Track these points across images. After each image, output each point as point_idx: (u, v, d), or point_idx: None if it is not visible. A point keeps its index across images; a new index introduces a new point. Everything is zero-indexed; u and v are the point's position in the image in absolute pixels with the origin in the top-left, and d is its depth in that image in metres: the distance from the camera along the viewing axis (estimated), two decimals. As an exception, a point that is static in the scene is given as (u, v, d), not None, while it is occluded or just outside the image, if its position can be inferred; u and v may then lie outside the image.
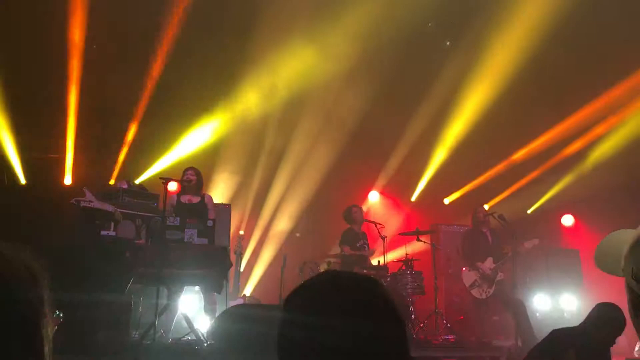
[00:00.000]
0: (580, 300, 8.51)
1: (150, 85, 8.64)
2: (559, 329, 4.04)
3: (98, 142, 9.05)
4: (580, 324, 4.02)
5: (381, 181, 10.78)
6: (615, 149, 9.39)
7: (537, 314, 8.01)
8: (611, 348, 4.24)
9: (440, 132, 10.12)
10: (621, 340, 7.04)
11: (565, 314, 8.11)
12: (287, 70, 8.72)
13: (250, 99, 9.25)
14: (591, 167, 9.66)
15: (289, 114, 9.61)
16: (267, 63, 8.67)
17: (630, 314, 1.18)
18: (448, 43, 9.30)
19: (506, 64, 8.52)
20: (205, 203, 6.47)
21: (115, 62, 8.30)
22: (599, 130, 9.52)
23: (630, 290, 1.13)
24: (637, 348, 7.45)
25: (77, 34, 7.88)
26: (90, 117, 8.69)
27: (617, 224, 1.32)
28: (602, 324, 3.84)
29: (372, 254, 7.83)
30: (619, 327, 3.80)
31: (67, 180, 8.80)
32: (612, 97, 8.97)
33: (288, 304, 1.18)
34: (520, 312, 7.01)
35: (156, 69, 8.48)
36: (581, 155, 9.91)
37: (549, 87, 9.33)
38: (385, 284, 1.17)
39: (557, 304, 8.38)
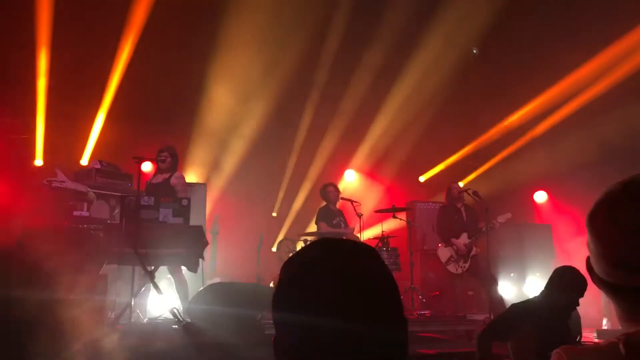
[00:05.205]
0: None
1: (120, 62, 8.48)
2: (517, 303, 3.93)
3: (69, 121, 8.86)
4: (539, 294, 3.91)
5: (357, 159, 10.80)
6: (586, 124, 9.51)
7: (510, 293, 8.20)
8: (581, 321, 4.28)
9: (414, 110, 10.14)
10: (591, 312, 7.23)
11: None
12: (262, 53, 8.64)
13: (226, 80, 9.12)
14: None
15: (266, 94, 9.53)
16: (241, 44, 8.55)
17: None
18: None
19: (473, 38, 8.54)
20: (170, 183, 6.12)
21: (86, 40, 8.11)
22: (570, 106, 9.61)
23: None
24: (604, 323, 7.64)
25: (44, 14, 7.69)
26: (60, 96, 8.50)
27: (588, 201, 1.34)
28: (562, 288, 3.74)
29: (352, 232, 7.71)
30: (579, 288, 3.68)
31: (38, 161, 8.60)
32: (583, 73, 9.05)
33: (283, 272, 1.05)
34: (492, 288, 7.18)
35: (128, 45, 8.31)
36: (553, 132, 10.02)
37: (520, 62, 9.38)
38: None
39: (527, 284, 8.58)
